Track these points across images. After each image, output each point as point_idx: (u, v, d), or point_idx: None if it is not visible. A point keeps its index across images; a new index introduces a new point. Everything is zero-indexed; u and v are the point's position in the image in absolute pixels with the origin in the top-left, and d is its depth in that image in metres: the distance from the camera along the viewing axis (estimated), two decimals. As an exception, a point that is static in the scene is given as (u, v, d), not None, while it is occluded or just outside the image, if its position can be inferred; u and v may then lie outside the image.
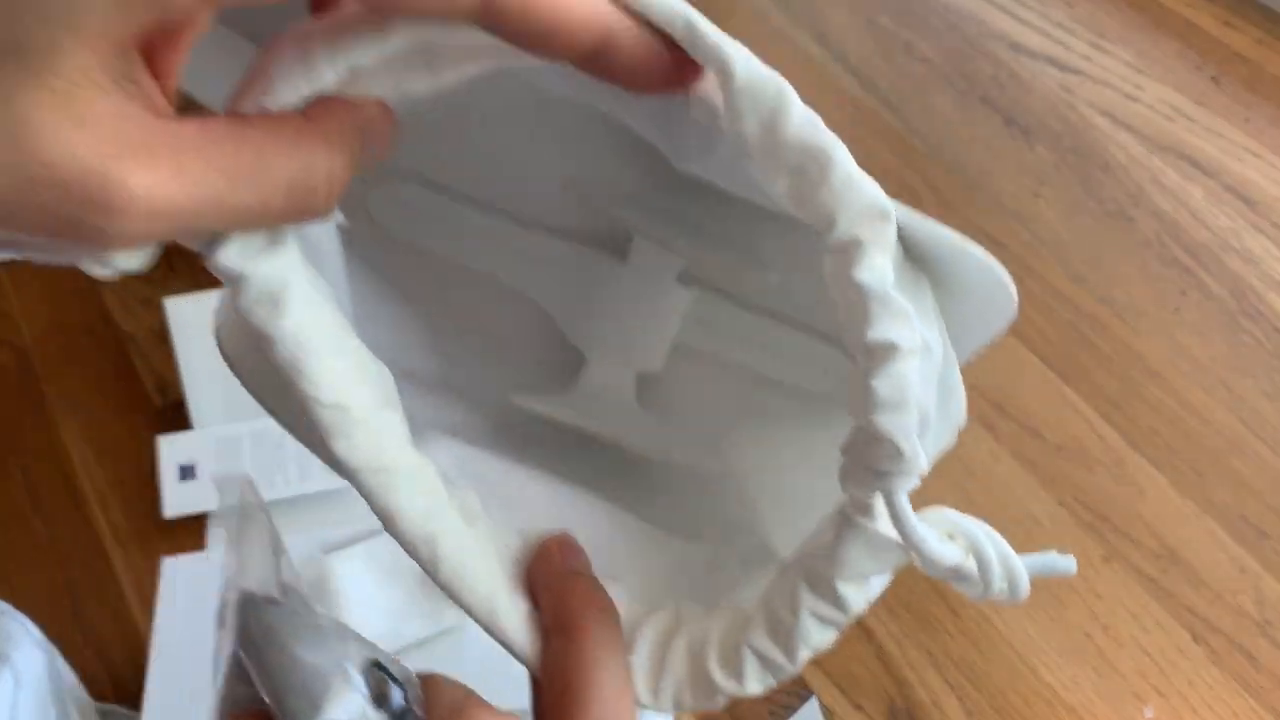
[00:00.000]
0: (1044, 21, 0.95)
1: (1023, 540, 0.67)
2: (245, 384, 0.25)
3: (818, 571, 0.22)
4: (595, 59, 0.19)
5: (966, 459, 0.70)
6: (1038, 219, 0.81)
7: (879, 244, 0.20)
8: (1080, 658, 0.64)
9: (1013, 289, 0.25)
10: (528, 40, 0.18)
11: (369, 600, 0.62)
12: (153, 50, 0.17)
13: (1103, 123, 0.87)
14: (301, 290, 0.20)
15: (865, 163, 0.20)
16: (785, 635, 0.22)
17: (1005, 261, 0.23)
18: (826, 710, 0.61)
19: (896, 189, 0.84)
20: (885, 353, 0.20)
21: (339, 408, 0.21)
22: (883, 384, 0.20)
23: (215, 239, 0.19)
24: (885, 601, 0.56)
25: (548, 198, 0.31)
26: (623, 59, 0.19)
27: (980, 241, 0.23)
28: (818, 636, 0.22)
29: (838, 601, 0.22)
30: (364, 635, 0.24)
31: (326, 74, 0.19)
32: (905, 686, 0.64)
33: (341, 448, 0.21)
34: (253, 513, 0.26)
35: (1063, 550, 0.22)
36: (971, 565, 0.22)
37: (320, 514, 0.69)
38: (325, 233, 0.23)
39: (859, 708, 0.61)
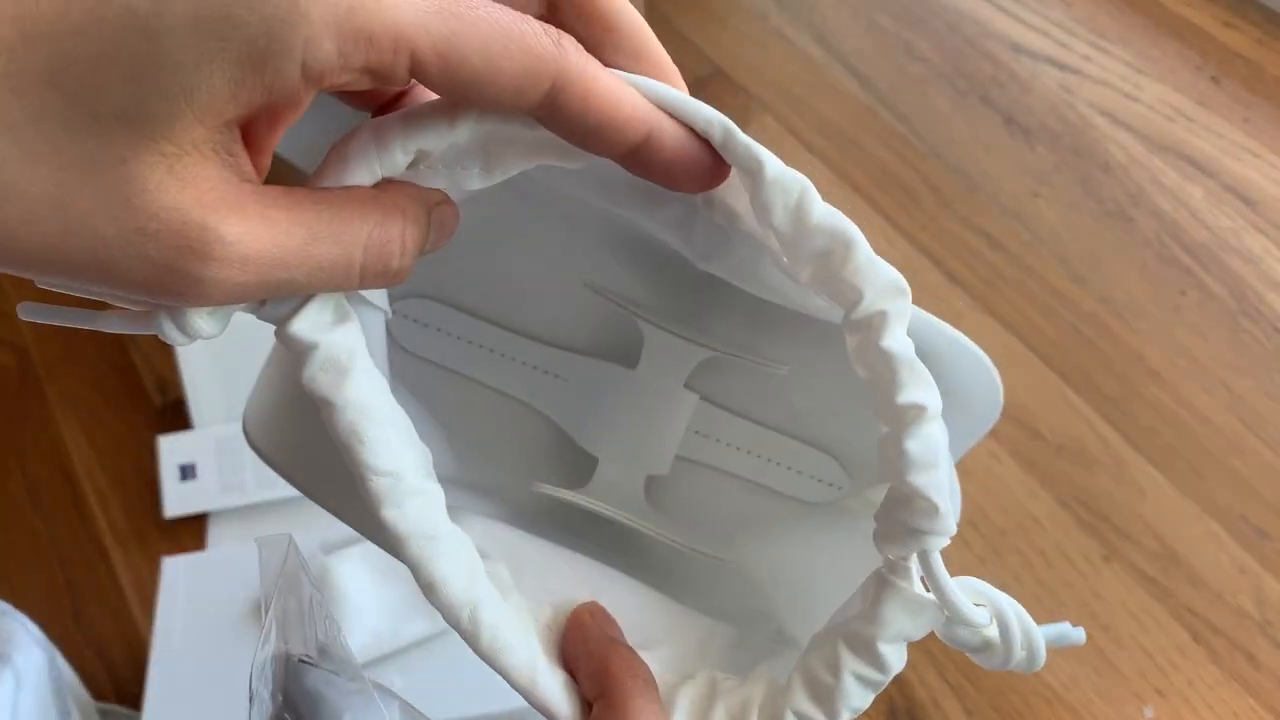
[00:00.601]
0: (1044, 21, 0.95)
1: (1023, 540, 0.67)
2: (273, 460, 0.26)
3: (858, 633, 0.23)
4: (639, 154, 0.21)
5: (966, 459, 0.70)
6: (1038, 219, 0.81)
7: (900, 318, 0.21)
8: (1080, 658, 0.64)
9: (1000, 389, 0.27)
10: (581, 134, 0.20)
11: (369, 600, 0.62)
12: (252, 127, 0.19)
13: (1103, 123, 0.87)
14: (364, 362, 0.21)
15: (865, 162, 0.20)
16: (827, 697, 0.23)
17: (1005, 262, 0.24)
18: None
19: (896, 189, 0.84)
20: (915, 414, 0.21)
21: (393, 475, 0.21)
22: (914, 444, 0.21)
23: (289, 313, 0.21)
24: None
25: (560, 312, 0.33)
26: (664, 156, 0.21)
27: (980, 241, 0.23)
28: (858, 698, 0.23)
29: (878, 662, 0.23)
30: (365, 636, 0.24)
31: (398, 155, 0.20)
32: (905, 686, 0.64)
33: (393, 515, 0.21)
34: (295, 573, 0.26)
35: (1063, 550, 0.23)
36: (994, 633, 0.23)
37: (320, 514, 0.69)
38: (374, 324, 0.25)
39: (859, 708, 0.61)
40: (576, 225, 0.31)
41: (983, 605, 0.23)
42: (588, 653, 0.24)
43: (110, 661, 0.68)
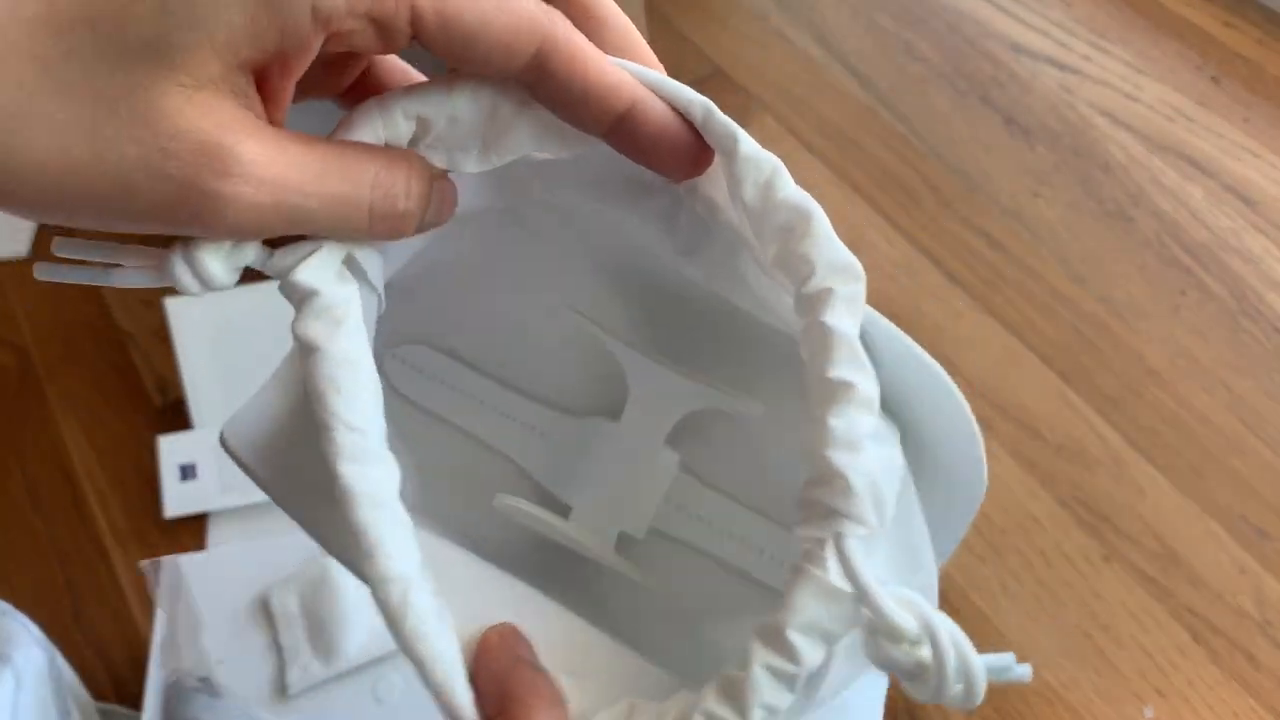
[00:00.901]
0: (1044, 21, 0.95)
1: (1023, 540, 0.67)
2: (249, 466, 0.26)
3: (768, 623, 0.21)
4: (624, 126, 0.22)
5: (966, 459, 0.70)
6: (1038, 219, 0.81)
7: (849, 300, 0.21)
8: (1080, 658, 0.64)
9: (976, 426, 0.26)
10: (568, 102, 0.21)
11: (367, 599, 0.62)
12: (266, 77, 0.20)
13: (1103, 123, 0.87)
14: (357, 322, 0.22)
15: (865, 162, 0.20)
16: (738, 692, 0.21)
17: (1005, 262, 0.24)
18: (826, 710, 0.61)
19: (896, 189, 0.84)
20: (843, 391, 0.21)
21: (361, 433, 0.21)
22: (838, 421, 0.21)
23: (295, 263, 0.21)
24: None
25: (550, 365, 0.33)
26: (648, 129, 0.22)
27: (980, 241, 0.23)
28: (770, 692, 0.21)
29: (789, 652, 0.21)
30: (365, 636, 0.24)
31: (399, 118, 0.21)
32: (905, 686, 0.64)
33: (350, 471, 0.21)
34: (185, 597, 0.26)
35: (1063, 550, 0.22)
36: (925, 654, 0.21)
37: (320, 514, 0.69)
38: (369, 305, 0.24)
39: (859, 708, 0.61)
40: (566, 252, 0.31)
41: (917, 622, 0.21)
42: (491, 673, 0.23)
43: (110, 661, 0.68)
